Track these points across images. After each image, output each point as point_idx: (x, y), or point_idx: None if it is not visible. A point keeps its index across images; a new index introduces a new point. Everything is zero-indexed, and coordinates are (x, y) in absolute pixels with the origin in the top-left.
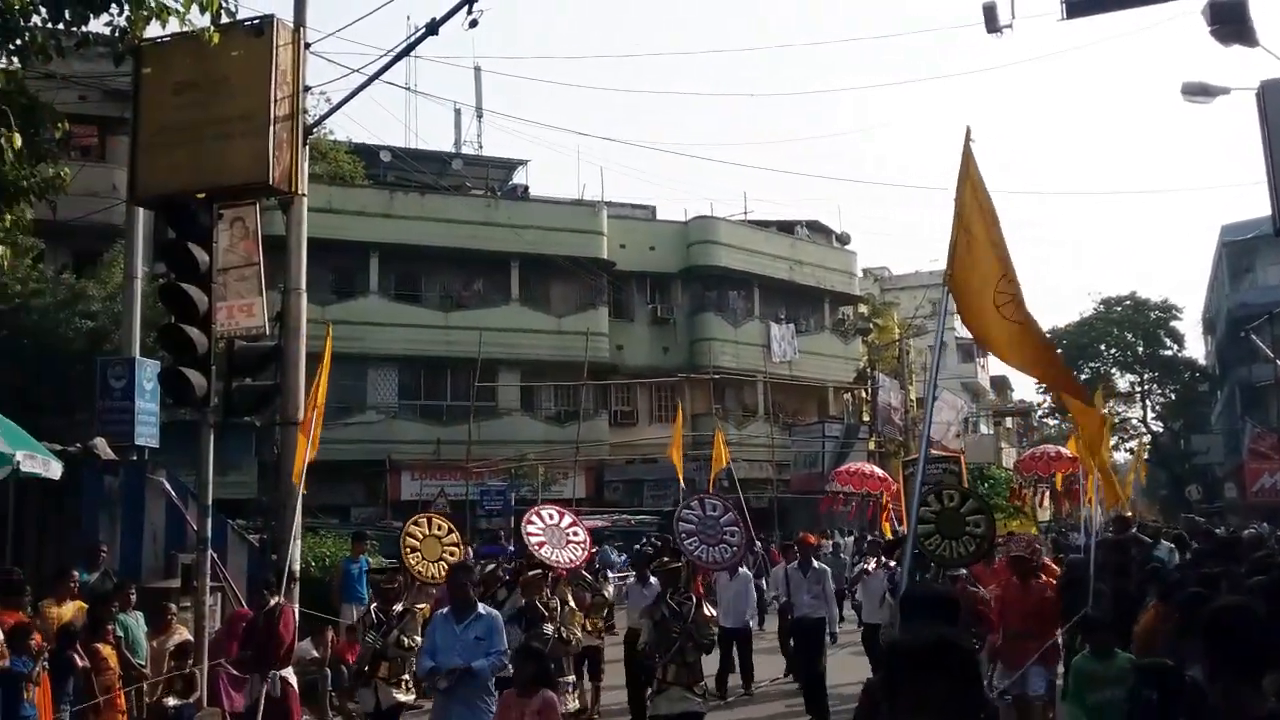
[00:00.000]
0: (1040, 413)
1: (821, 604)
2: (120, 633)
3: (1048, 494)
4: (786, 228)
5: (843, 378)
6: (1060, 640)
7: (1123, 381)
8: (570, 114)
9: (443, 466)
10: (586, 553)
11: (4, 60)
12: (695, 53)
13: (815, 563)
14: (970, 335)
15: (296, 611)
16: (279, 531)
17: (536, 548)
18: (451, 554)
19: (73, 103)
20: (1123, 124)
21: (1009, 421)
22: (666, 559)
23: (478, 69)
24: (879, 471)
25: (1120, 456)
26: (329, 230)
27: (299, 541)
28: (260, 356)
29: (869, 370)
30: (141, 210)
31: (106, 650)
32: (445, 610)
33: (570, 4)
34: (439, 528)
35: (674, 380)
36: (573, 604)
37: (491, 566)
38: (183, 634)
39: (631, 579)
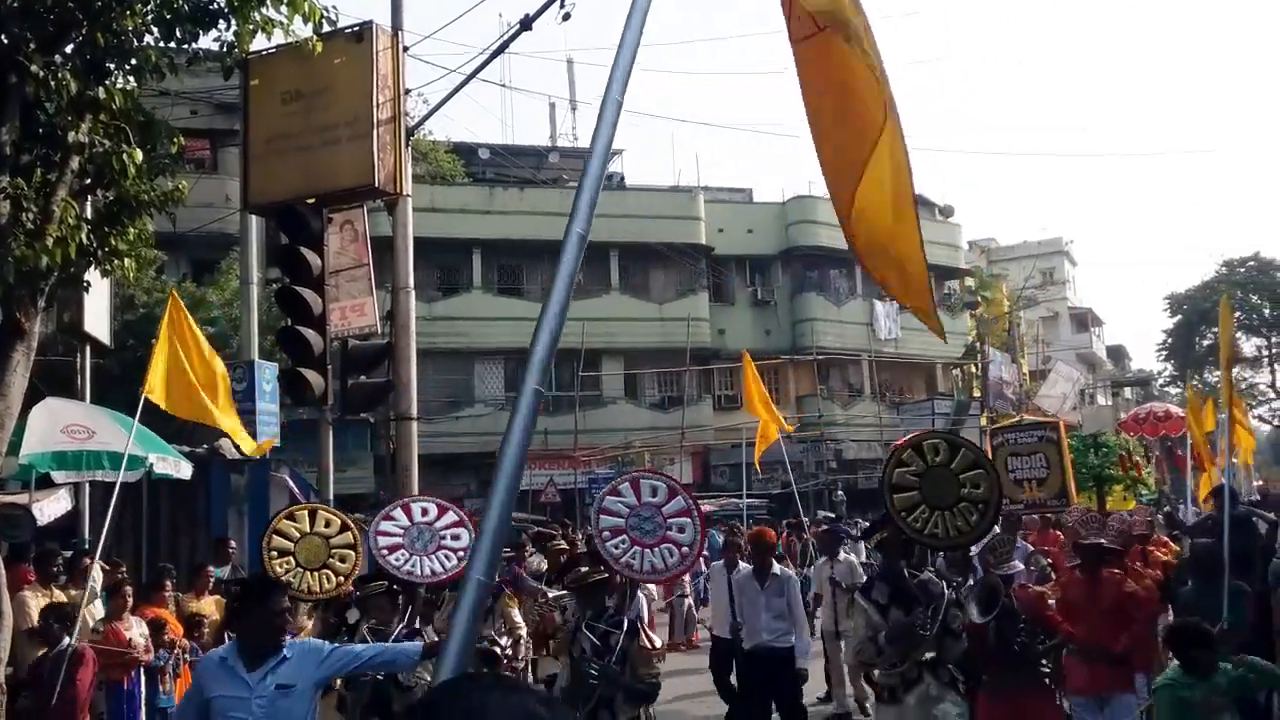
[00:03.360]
0: (1161, 381)
1: (787, 626)
2: None
3: (1157, 461)
4: None
5: (951, 353)
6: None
7: (1249, 345)
8: (664, 100)
9: (551, 456)
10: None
11: (122, 80)
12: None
13: (778, 567)
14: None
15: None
16: None
17: (384, 554)
18: (343, 559)
19: (184, 117)
20: (1235, 80)
21: (1128, 392)
22: (585, 569)
23: (570, 62)
24: None
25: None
26: (432, 229)
27: None
28: (374, 354)
29: (978, 345)
30: (254, 218)
31: None
32: (223, 651)
33: None
34: (326, 523)
35: (777, 362)
36: (518, 623)
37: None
38: (307, 627)
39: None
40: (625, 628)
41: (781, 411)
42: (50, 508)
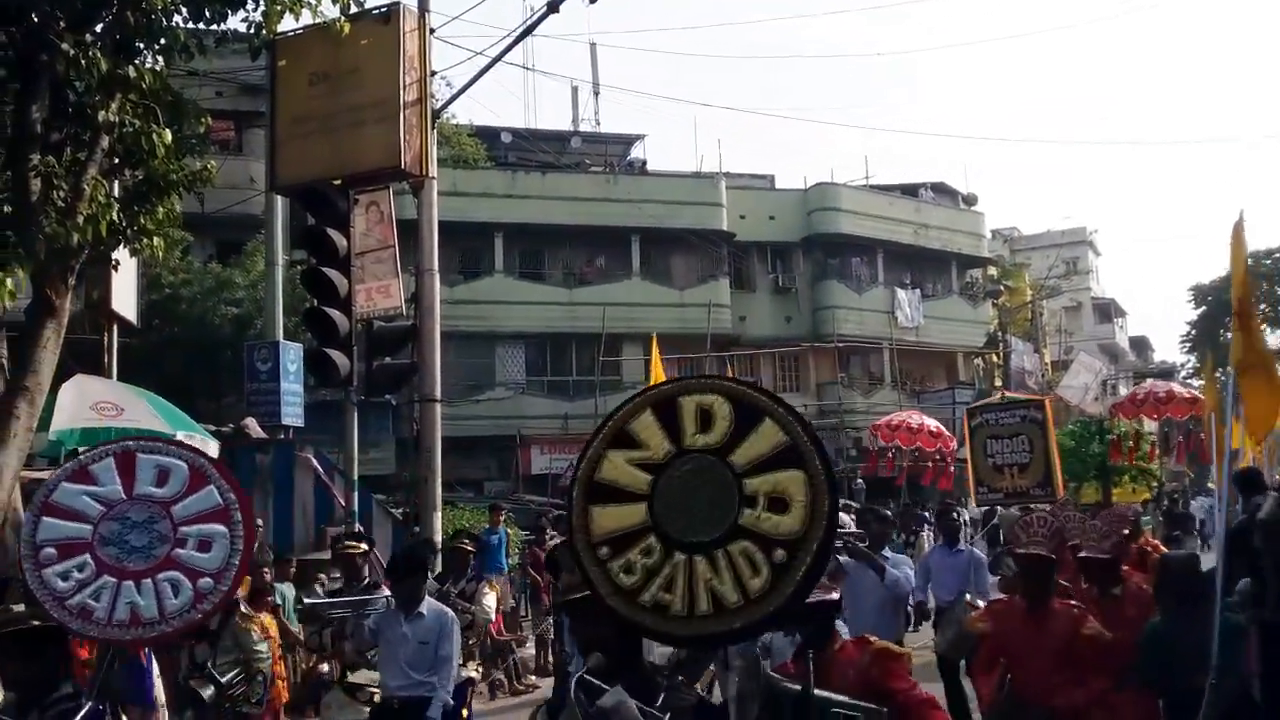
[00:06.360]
0: (1184, 373)
1: (424, 676)
2: (279, 601)
3: (1179, 447)
4: (910, 191)
5: (972, 342)
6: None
7: (1274, 338)
8: (687, 85)
9: (571, 440)
10: None
11: (150, 59)
12: (814, 15)
13: (429, 604)
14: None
15: None
16: (421, 504)
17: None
18: None
19: (210, 98)
20: (1262, 69)
21: (1150, 383)
22: (15, 607)
23: (593, 45)
24: (930, 424)
25: None
26: (454, 212)
27: (439, 513)
28: (399, 336)
29: (1000, 334)
30: (280, 199)
31: (267, 619)
32: None
33: None
34: None
35: (798, 349)
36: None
37: None
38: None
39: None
40: None
41: (802, 398)
42: None
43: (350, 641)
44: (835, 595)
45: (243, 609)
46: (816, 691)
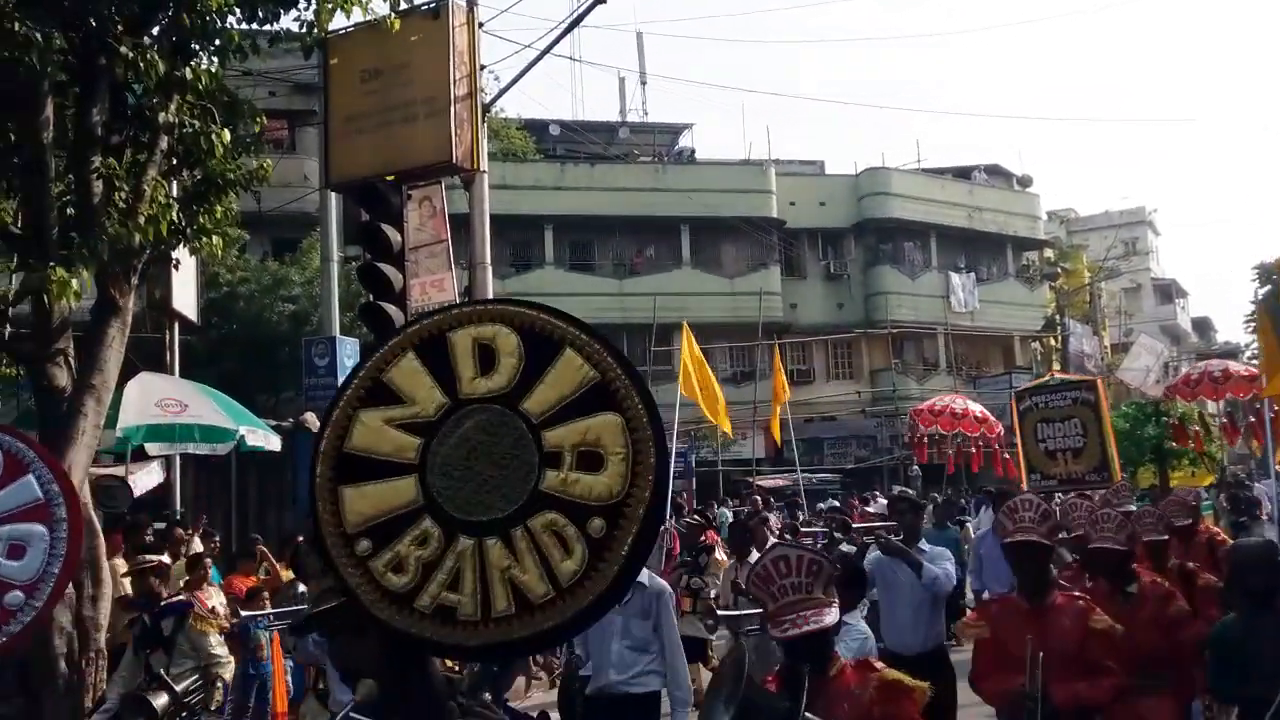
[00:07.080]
0: (1248, 354)
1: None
2: None
3: (1250, 427)
4: (963, 174)
5: (1029, 326)
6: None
7: None
8: (734, 71)
9: None
10: None
11: (206, 61)
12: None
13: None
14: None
15: None
16: None
17: None
18: None
19: (263, 98)
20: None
21: (1205, 363)
22: None
23: (639, 35)
24: (975, 408)
25: None
26: (504, 206)
27: None
28: None
29: (1058, 317)
30: (334, 196)
31: None
32: None
33: None
34: None
35: (850, 336)
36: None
37: None
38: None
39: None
40: None
41: (855, 385)
42: (144, 480)
43: (294, 655)
44: (831, 619)
45: (197, 609)
46: (807, 715)
